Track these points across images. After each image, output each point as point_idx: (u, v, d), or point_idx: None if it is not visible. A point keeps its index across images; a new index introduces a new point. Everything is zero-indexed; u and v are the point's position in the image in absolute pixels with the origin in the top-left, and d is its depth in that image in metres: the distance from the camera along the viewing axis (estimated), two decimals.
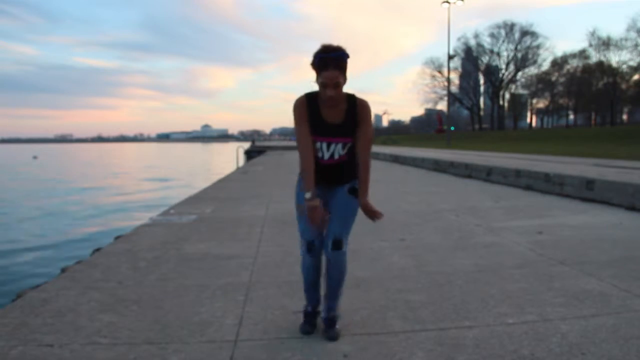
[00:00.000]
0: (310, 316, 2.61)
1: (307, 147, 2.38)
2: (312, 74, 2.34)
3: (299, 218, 2.51)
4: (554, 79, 67.43)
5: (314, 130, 2.38)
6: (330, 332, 2.49)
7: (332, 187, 2.48)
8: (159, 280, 3.54)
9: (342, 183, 2.49)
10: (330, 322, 2.52)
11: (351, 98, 2.41)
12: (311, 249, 2.50)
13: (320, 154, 2.43)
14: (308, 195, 2.34)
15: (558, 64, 65.98)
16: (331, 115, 2.38)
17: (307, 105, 2.39)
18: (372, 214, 2.46)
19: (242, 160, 31.15)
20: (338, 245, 2.46)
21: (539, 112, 78.47)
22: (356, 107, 2.40)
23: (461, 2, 39.27)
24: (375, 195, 9.76)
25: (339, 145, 2.41)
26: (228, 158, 30.38)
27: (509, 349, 2.31)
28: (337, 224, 2.46)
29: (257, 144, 60.08)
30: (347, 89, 2.39)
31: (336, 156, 2.43)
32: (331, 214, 2.44)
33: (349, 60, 2.31)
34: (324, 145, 2.40)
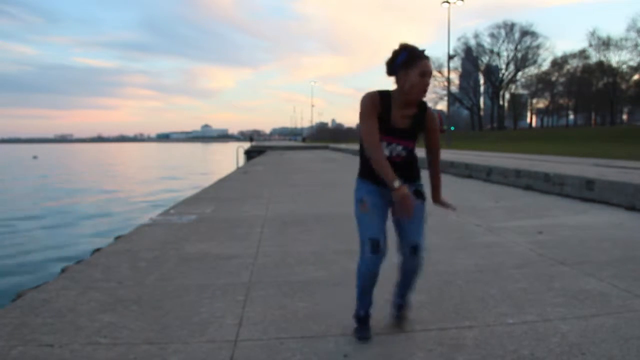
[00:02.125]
0: (365, 320, 2.49)
1: (376, 140, 2.28)
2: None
3: (361, 216, 2.36)
4: (554, 79, 67.48)
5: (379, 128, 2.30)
6: (403, 315, 2.58)
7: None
8: (159, 280, 3.54)
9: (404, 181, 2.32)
10: (404, 307, 2.59)
11: (422, 104, 2.38)
12: (377, 248, 2.29)
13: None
14: (397, 183, 2.19)
15: (558, 64, 66.05)
16: (400, 117, 2.31)
17: (379, 102, 2.29)
18: (446, 207, 2.60)
19: (242, 160, 31.15)
20: (417, 250, 2.41)
21: (539, 112, 78.52)
22: (425, 116, 2.37)
23: (461, 2, 39.27)
24: None
25: (399, 147, 2.35)
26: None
27: (509, 349, 2.31)
28: (411, 229, 2.39)
29: (257, 143, 60.02)
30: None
31: (394, 154, 2.35)
32: (401, 219, 2.35)
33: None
34: (384, 144, 2.32)
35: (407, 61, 2.22)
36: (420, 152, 2.43)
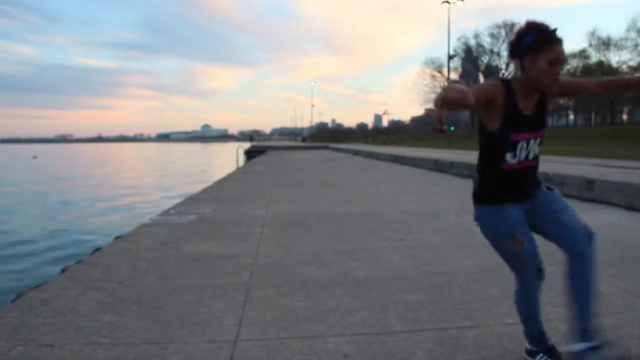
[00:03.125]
0: (554, 350, 2.10)
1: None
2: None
3: (516, 251, 2.05)
4: None
5: (513, 128, 1.96)
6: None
7: (529, 197, 2.07)
8: (159, 280, 3.54)
9: (537, 187, 2.10)
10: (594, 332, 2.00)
11: None
12: (543, 274, 2.09)
13: (516, 157, 1.99)
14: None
15: None
16: (527, 106, 1.99)
17: (504, 94, 1.95)
18: None
19: (242, 160, 31.16)
20: (589, 232, 2.03)
21: None
22: (545, 93, 2.05)
23: (461, 2, 39.31)
24: (376, 195, 9.67)
25: (537, 142, 2.02)
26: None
27: (509, 349, 2.31)
28: (568, 218, 2.03)
29: (257, 143, 59.95)
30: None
31: (531, 156, 2.02)
32: (552, 216, 2.05)
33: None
34: (524, 144, 1.98)
35: (534, 45, 1.88)
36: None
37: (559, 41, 1.89)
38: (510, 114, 1.96)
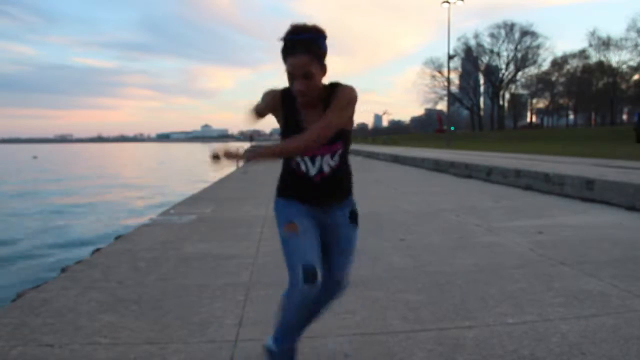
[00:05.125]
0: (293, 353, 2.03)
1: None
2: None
3: (288, 238, 1.85)
4: (554, 79, 67.62)
5: None
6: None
7: (325, 207, 1.93)
8: (159, 280, 3.54)
9: (337, 200, 1.95)
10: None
11: (333, 88, 1.81)
12: (311, 277, 1.75)
13: (303, 169, 1.87)
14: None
15: (558, 64, 66.20)
16: (313, 117, 1.79)
17: (280, 103, 1.84)
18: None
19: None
20: (342, 283, 2.02)
21: (539, 112, 78.60)
22: (328, 100, 1.80)
23: (461, 2, 39.34)
24: (376, 195, 9.70)
25: (327, 157, 1.86)
26: None
27: (509, 349, 2.31)
28: (339, 260, 1.97)
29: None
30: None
31: (326, 169, 1.87)
32: (330, 246, 1.94)
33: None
34: (307, 160, 1.85)
35: (282, 53, 1.72)
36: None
37: (292, 53, 1.68)
38: (288, 126, 1.85)
